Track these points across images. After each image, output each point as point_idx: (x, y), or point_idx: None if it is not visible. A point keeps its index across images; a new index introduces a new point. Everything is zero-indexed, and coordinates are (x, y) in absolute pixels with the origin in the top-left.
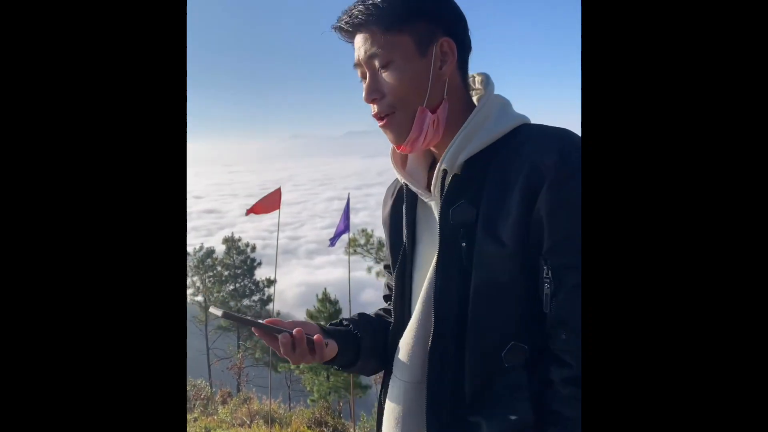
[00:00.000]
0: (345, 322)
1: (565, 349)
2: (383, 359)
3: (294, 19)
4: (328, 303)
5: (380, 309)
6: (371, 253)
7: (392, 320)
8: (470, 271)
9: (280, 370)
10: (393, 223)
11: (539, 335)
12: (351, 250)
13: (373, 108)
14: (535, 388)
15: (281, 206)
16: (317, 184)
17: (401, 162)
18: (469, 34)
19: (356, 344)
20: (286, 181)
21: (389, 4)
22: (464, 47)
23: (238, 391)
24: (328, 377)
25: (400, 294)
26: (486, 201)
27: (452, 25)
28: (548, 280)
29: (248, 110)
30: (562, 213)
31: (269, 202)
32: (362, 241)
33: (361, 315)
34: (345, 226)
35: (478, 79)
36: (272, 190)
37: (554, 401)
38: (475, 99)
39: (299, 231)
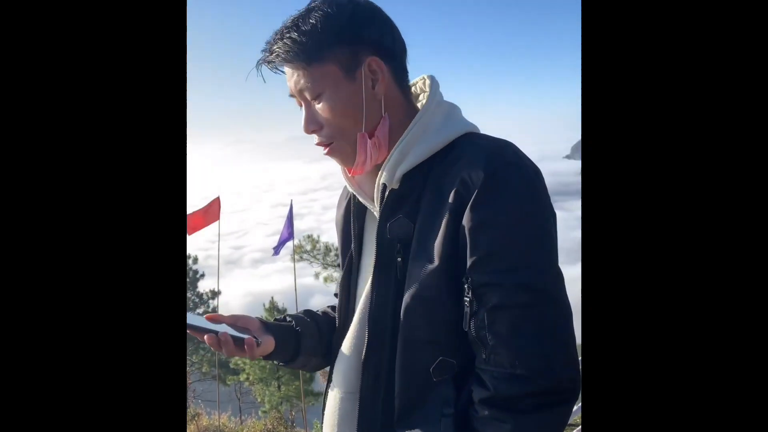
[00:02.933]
0: (288, 318)
1: (484, 369)
2: (326, 357)
3: (234, 22)
4: (275, 312)
5: (328, 306)
6: (318, 259)
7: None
8: (404, 286)
9: (228, 383)
10: (343, 228)
11: (469, 351)
12: (297, 257)
13: (315, 137)
14: (462, 405)
15: (222, 215)
16: (260, 190)
17: (352, 176)
18: (401, 38)
19: (296, 340)
20: (227, 189)
21: (308, 36)
22: (395, 58)
23: (186, 408)
24: (279, 387)
25: (345, 302)
26: (421, 216)
27: (376, 42)
28: (468, 299)
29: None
30: (485, 231)
31: (208, 214)
32: (308, 247)
33: (307, 311)
34: (289, 233)
35: (422, 83)
36: (212, 199)
37: (474, 420)
38: (420, 104)
39: (243, 240)
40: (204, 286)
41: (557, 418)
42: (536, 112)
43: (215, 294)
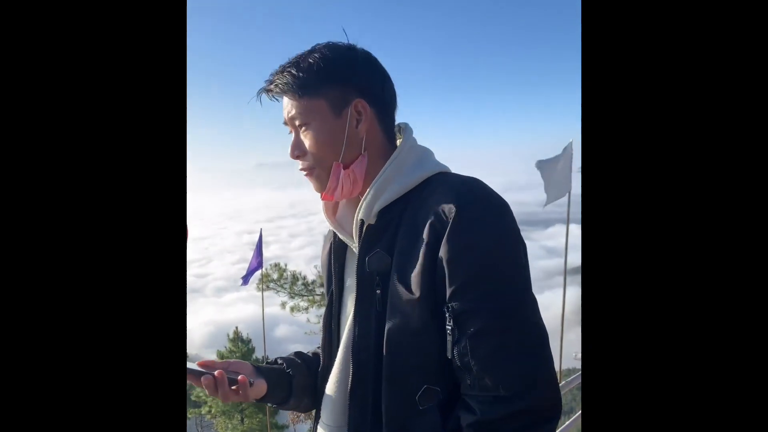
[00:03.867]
0: (280, 361)
1: (469, 394)
2: (317, 398)
3: (198, 48)
4: (240, 342)
5: (318, 347)
6: (285, 288)
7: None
8: (385, 318)
9: (190, 416)
10: (327, 267)
11: (453, 379)
12: (264, 286)
13: (299, 163)
14: (450, 430)
15: (188, 243)
16: (226, 218)
17: (332, 211)
18: (392, 89)
19: (288, 382)
20: (192, 216)
21: (305, 72)
22: (383, 103)
23: None
24: (242, 420)
25: (328, 339)
26: (398, 250)
27: (367, 86)
28: (450, 327)
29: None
30: (461, 261)
31: None
32: (275, 276)
33: (297, 353)
34: (258, 262)
35: (397, 129)
36: None
37: None
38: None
39: (207, 267)
40: None
41: None
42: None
43: None
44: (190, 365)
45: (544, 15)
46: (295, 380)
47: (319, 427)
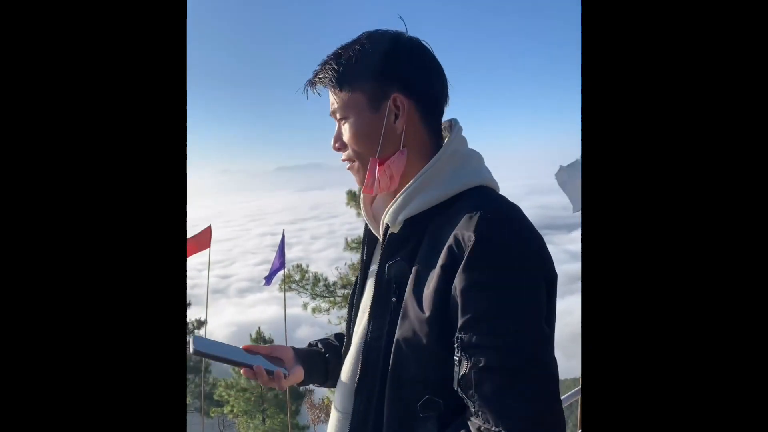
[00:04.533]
0: (319, 345)
1: (473, 421)
2: None
3: (222, 53)
4: (262, 342)
5: None
6: (307, 289)
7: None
8: (397, 326)
9: (212, 415)
10: (361, 251)
11: (456, 398)
12: (286, 287)
13: (342, 153)
14: None
15: (211, 244)
16: (248, 220)
17: (371, 200)
18: (441, 83)
19: (324, 365)
20: (216, 218)
21: (343, 66)
22: (427, 98)
23: None
24: (263, 420)
25: (348, 327)
26: (418, 263)
27: (408, 80)
28: (457, 358)
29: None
30: (475, 294)
31: (199, 241)
32: (297, 277)
33: (337, 335)
34: (280, 263)
35: (447, 126)
36: (201, 228)
37: None
38: None
39: (230, 269)
40: (190, 315)
41: None
42: (523, 149)
43: (201, 323)
44: (234, 352)
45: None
46: (330, 364)
47: (332, 409)
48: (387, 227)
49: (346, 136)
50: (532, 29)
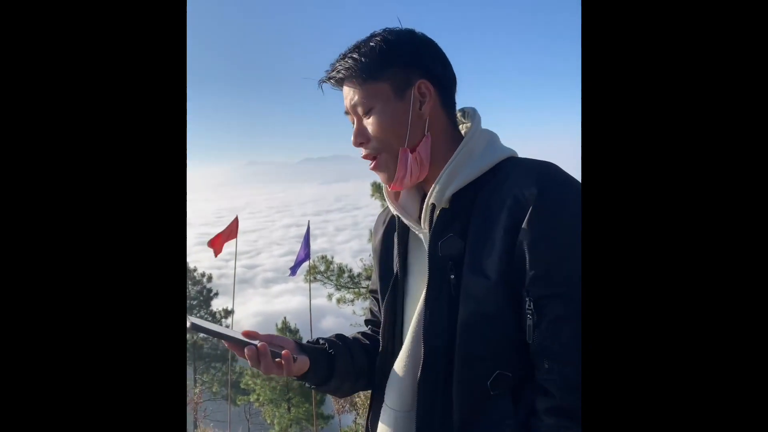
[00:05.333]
0: (322, 341)
1: (548, 379)
2: (358, 382)
3: (248, 46)
4: (288, 332)
5: (358, 332)
6: (331, 280)
7: (380, 347)
8: (458, 303)
9: (239, 403)
10: (383, 252)
11: (526, 364)
12: (311, 278)
13: (362, 151)
14: (521, 417)
15: (238, 235)
16: (274, 211)
17: (394, 195)
18: (452, 71)
19: (330, 364)
20: (242, 209)
21: (367, 56)
22: (445, 85)
23: (195, 427)
24: (289, 409)
25: (391, 323)
26: (472, 234)
27: (429, 67)
28: (530, 312)
29: (202, 137)
30: (542, 245)
31: (228, 233)
32: (322, 268)
33: (339, 336)
34: (306, 254)
35: (466, 113)
36: (228, 218)
37: (539, 429)
38: (463, 132)
39: (256, 259)
40: (217, 304)
41: None
42: (536, 143)
43: (228, 313)
44: (234, 333)
45: None
46: (337, 362)
47: (383, 411)
48: (433, 208)
49: (373, 127)
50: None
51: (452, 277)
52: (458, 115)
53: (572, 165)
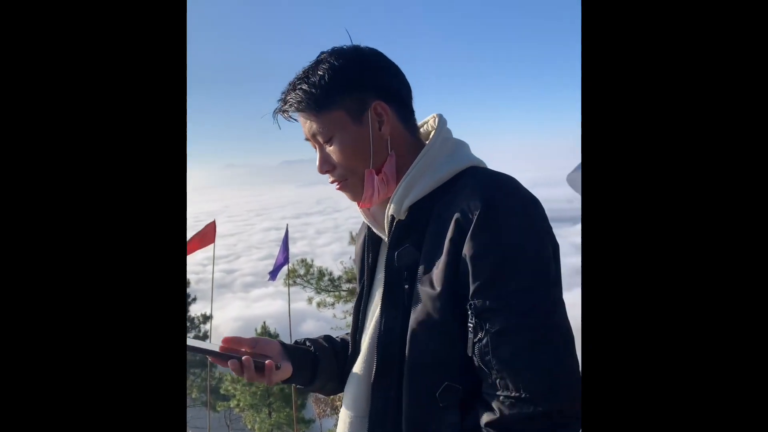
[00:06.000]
0: (308, 343)
1: (490, 393)
2: (342, 383)
3: (225, 48)
4: (267, 336)
5: (346, 333)
6: (311, 284)
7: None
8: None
9: (218, 409)
10: (360, 259)
11: (474, 377)
12: (290, 281)
13: (328, 177)
14: (468, 430)
15: (216, 239)
16: (253, 214)
17: (368, 208)
18: (405, 80)
19: (314, 365)
20: (220, 213)
21: (316, 87)
22: (400, 98)
23: None
24: (269, 414)
25: (355, 329)
26: (426, 245)
27: (381, 86)
28: (471, 325)
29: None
30: (485, 258)
31: (204, 237)
32: (302, 272)
33: (326, 337)
34: (285, 257)
35: (432, 121)
36: (206, 222)
37: None
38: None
39: (234, 264)
40: (195, 309)
41: None
42: (531, 141)
43: (207, 318)
44: (214, 347)
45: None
46: (320, 363)
47: (341, 414)
48: (392, 219)
49: (336, 155)
50: (540, 22)
51: (407, 287)
52: (430, 121)
53: (572, 165)
